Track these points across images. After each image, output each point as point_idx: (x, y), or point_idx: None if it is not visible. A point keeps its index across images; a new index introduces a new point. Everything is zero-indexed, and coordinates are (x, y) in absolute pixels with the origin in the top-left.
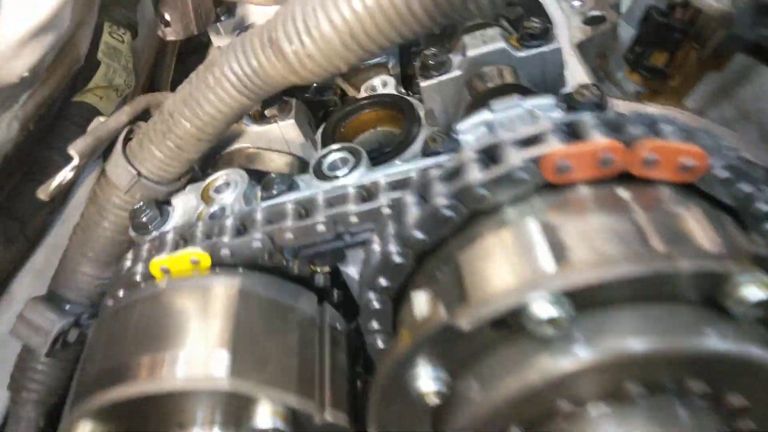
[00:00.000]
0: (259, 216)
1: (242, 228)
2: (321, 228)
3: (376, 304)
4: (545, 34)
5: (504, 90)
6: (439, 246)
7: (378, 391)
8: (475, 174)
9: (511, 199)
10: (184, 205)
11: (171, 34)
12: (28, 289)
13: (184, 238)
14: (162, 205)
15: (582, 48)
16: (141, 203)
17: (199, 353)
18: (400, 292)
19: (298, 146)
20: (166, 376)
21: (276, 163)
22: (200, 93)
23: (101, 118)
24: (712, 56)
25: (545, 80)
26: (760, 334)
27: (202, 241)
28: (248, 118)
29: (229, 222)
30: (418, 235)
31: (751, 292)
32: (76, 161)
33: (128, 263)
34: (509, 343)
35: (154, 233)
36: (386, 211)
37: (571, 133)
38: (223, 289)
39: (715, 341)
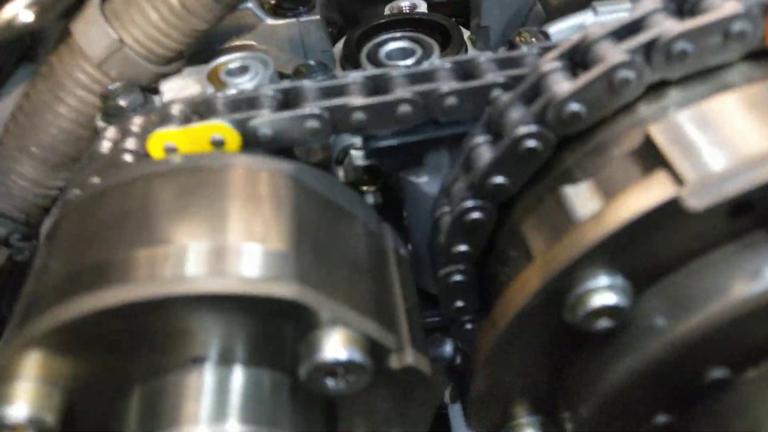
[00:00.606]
0: (311, 87)
1: (287, 102)
2: (405, 108)
3: (478, 214)
4: None
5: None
6: (587, 132)
7: (518, 313)
8: (672, 25)
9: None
10: (177, 93)
11: None
12: None
13: (199, 112)
14: (146, 92)
15: None
16: (118, 83)
17: (241, 246)
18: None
19: (318, 53)
20: (181, 277)
21: (289, 69)
22: None
23: None
24: None
25: None
26: None
27: (228, 114)
28: (259, 8)
29: (268, 92)
30: (575, 107)
31: None
32: None
33: (107, 143)
34: (737, 244)
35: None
36: (498, 92)
37: None
38: (270, 172)
39: None
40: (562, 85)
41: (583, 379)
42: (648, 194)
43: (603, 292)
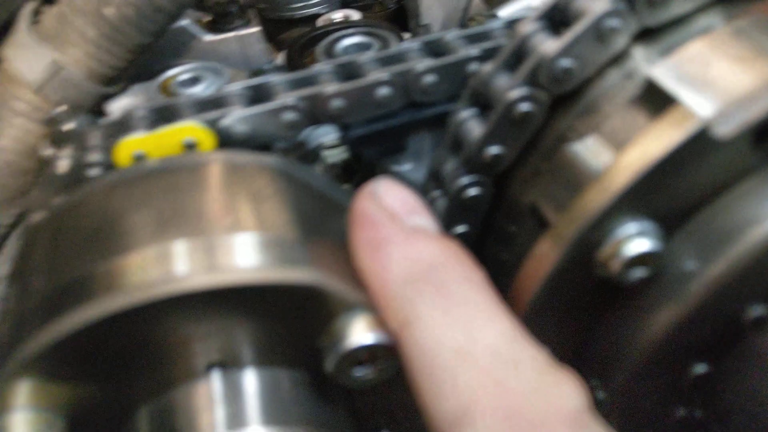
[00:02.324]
0: (281, 80)
1: (257, 98)
2: (384, 91)
3: (476, 190)
4: None
5: None
6: (576, 93)
7: (551, 276)
8: None
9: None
10: None
11: None
12: None
13: (164, 116)
14: (92, 115)
15: None
16: (62, 108)
17: (233, 237)
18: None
19: (261, 65)
20: (170, 277)
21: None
22: None
23: None
24: None
25: None
26: None
27: (197, 114)
28: (197, 27)
29: (235, 90)
30: (567, 63)
31: None
32: None
33: (65, 161)
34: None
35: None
36: (475, 66)
37: None
38: (257, 165)
39: None
40: (550, 43)
41: (616, 339)
42: (669, 132)
43: (636, 238)
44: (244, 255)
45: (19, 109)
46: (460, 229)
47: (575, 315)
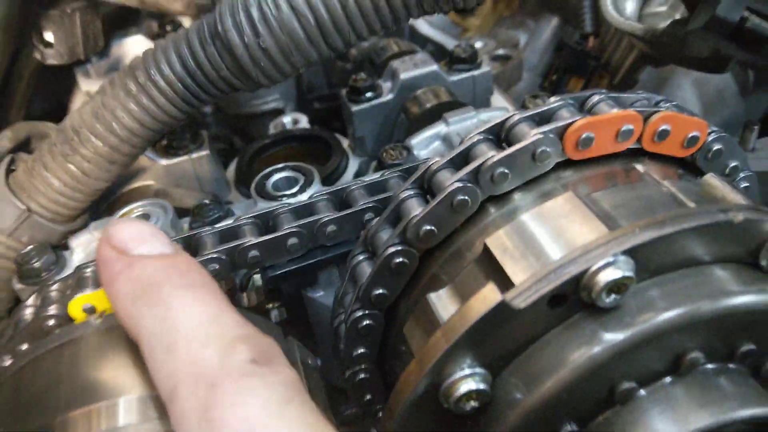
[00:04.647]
0: (209, 233)
1: (189, 249)
2: (293, 241)
3: (368, 321)
4: (475, 58)
5: (446, 107)
6: (443, 243)
7: (405, 406)
8: (493, 154)
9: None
10: (86, 247)
11: (53, 57)
12: None
13: None
14: (56, 249)
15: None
16: (30, 247)
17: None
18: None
19: (212, 183)
20: (115, 428)
21: (188, 201)
22: (118, 103)
23: None
24: (622, 81)
25: (475, 104)
26: None
27: None
28: (152, 152)
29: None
30: (428, 227)
31: None
32: None
33: (30, 310)
34: (562, 326)
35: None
36: (370, 215)
37: (582, 109)
38: None
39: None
40: (415, 210)
41: None
42: (485, 300)
43: (467, 380)
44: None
45: None
46: (360, 350)
47: (439, 426)
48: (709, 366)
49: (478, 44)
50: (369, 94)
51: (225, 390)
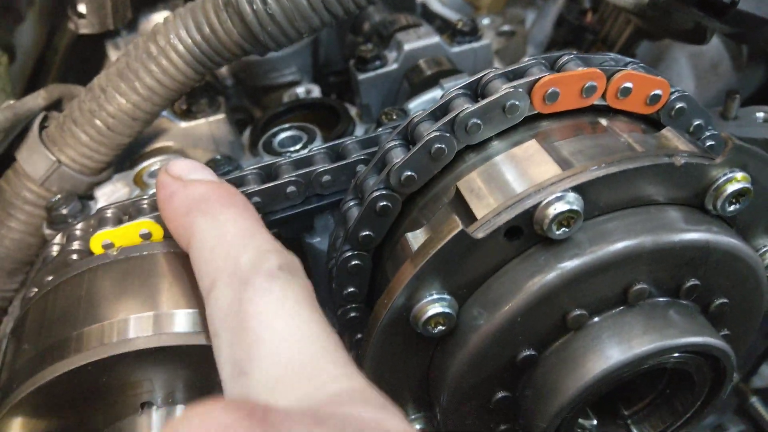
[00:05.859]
0: None
1: None
2: (291, 189)
3: (356, 261)
4: (475, 31)
5: (444, 74)
6: (424, 188)
7: (380, 329)
8: (468, 106)
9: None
10: (109, 197)
11: (85, 27)
12: None
13: (128, 214)
14: (82, 199)
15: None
16: (59, 196)
17: (172, 312)
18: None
19: (227, 145)
20: (125, 340)
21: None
22: (140, 64)
23: (11, 101)
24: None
25: None
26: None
27: (151, 212)
28: (172, 114)
29: None
30: (409, 173)
31: (731, 185)
32: None
33: (56, 247)
34: (520, 258)
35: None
36: (361, 167)
37: (552, 68)
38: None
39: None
40: (398, 157)
41: (437, 374)
42: (449, 231)
43: (434, 304)
44: (178, 325)
45: (27, 198)
46: (350, 289)
47: (411, 354)
48: (660, 299)
49: (485, 21)
50: (375, 64)
51: (255, 286)
